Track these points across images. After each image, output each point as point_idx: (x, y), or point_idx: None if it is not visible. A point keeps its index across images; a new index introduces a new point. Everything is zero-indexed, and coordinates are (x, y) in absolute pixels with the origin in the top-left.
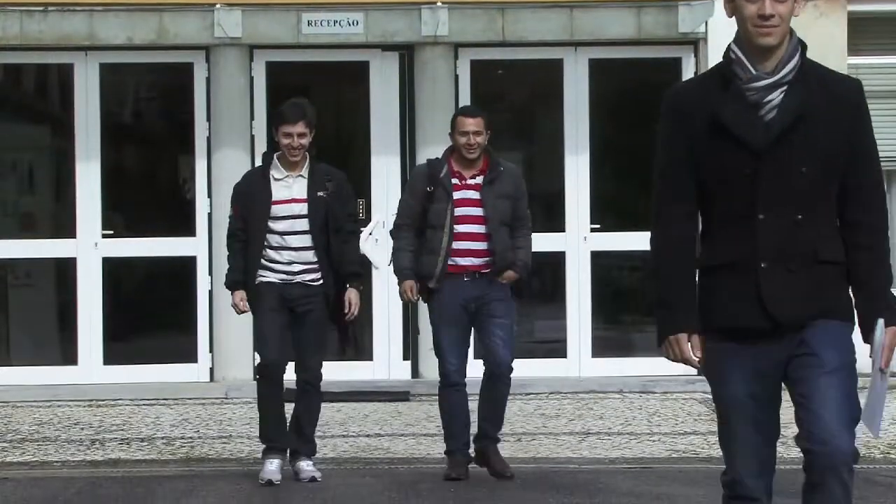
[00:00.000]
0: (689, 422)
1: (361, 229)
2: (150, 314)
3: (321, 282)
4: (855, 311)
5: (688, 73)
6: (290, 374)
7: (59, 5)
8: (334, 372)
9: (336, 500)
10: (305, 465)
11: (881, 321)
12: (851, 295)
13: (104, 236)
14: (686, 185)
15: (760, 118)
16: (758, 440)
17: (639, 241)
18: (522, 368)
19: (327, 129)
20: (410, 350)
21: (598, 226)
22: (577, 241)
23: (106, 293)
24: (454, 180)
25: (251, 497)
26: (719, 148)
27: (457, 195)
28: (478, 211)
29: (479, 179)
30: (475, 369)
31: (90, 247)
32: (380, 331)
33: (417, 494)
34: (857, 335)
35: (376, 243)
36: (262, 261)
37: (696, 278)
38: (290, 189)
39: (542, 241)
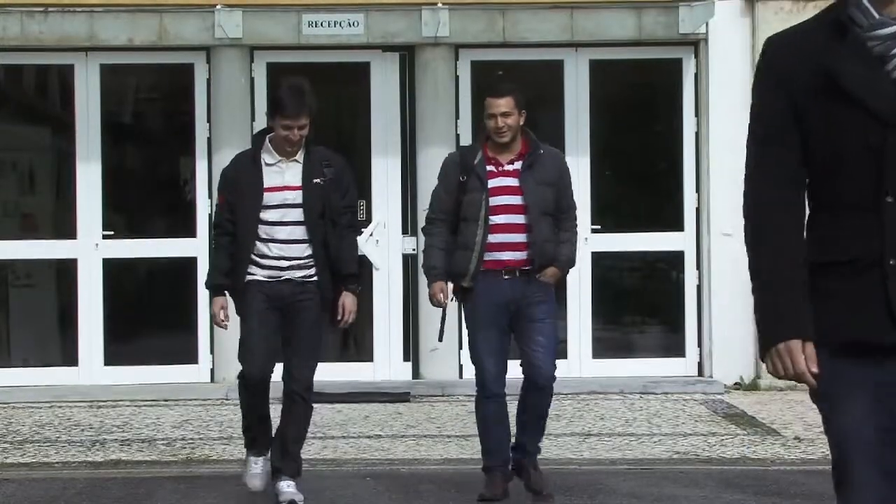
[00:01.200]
0: (690, 423)
1: (362, 230)
2: (151, 315)
3: (315, 278)
4: None
5: (688, 74)
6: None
7: (59, 6)
8: (334, 372)
9: (336, 502)
10: (286, 487)
11: None
12: None
13: (105, 237)
14: (789, 162)
15: (887, 75)
16: (883, 488)
17: (639, 241)
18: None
19: (328, 129)
20: (411, 351)
21: (598, 227)
22: (578, 241)
23: (106, 294)
24: (489, 167)
25: (252, 498)
26: (833, 115)
27: (492, 183)
28: (516, 199)
29: (518, 165)
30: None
31: (91, 247)
32: (380, 331)
33: (418, 496)
34: None
35: (377, 244)
36: (252, 255)
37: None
38: (282, 175)
39: None
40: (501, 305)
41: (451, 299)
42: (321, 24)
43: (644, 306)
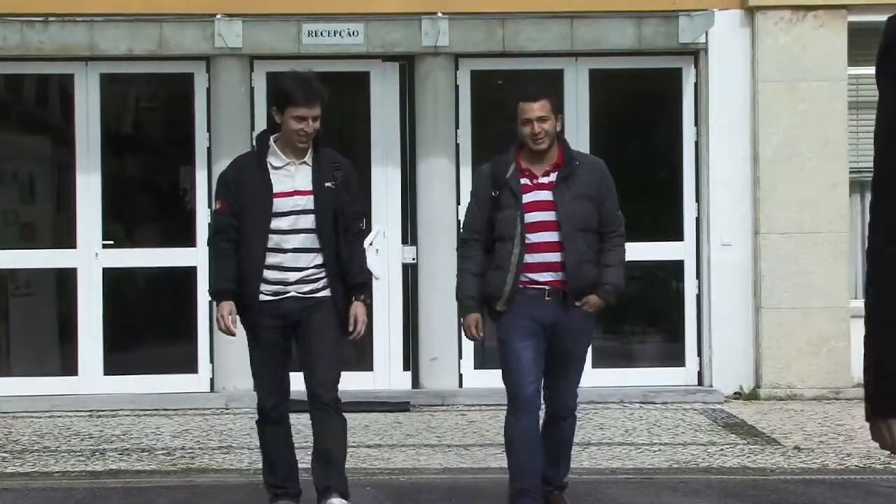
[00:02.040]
0: (690, 432)
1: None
2: (151, 324)
3: (325, 292)
4: None
5: (688, 83)
6: (299, 385)
7: (59, 16)
8: None
9: None
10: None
11: None
12: None
13: (104, 246)
14: None
15: None
16: None
17: (639, 251)
18: None
19: (328, 138)
20: (411, 360)
21: None
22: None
23: (106, 303)
24: (523, 180)
25: None
26: None
27: (527, 198)
28: (551, 216)
29: (553, 177)
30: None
31: (90, 257)
32: (380, 341)
33: None
34: None
35: (377, 254)
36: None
37: None
38: (292, 179)
39: None
40: (538, 321)
41: (483, 338)
42: (321, 34)
43: (644, 316)
